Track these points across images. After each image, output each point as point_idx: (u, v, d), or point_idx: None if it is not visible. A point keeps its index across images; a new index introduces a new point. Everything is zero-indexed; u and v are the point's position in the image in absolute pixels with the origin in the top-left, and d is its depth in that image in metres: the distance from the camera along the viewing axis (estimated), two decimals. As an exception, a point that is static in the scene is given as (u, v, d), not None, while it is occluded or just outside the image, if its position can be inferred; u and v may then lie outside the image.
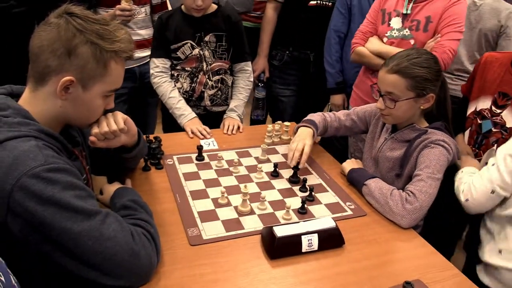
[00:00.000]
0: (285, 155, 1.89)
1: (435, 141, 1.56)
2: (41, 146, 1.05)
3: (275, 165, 1.73)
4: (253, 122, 2.99)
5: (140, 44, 2.55)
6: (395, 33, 2.11)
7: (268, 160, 1.85)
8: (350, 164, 1.76)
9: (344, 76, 2.65)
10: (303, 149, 1.71)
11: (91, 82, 1.14)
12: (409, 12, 2.09)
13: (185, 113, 2.15)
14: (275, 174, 1.73)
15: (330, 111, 2.43)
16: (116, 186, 1.41)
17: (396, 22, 2.13)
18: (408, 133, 1.65)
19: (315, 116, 1.89)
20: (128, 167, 1.63)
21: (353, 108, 1.94)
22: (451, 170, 1.64)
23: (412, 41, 2.06)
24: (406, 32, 2.08)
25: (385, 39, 2.15)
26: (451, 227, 1.73)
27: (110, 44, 1.13)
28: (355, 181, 1.67)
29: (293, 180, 1.68)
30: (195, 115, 2.16)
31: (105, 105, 1.23)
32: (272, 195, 1.60)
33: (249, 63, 2.34)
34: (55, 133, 1.14)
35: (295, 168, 1.67)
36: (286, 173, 1.75)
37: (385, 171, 1.72)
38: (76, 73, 1.11)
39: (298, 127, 1.86)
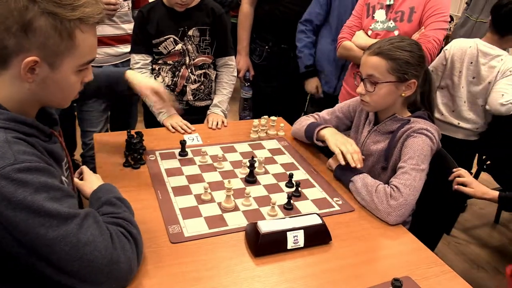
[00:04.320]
0: (271, 150, 1.85)
1: (418, 130, 1.53)
2: (10, 140, 0.95)
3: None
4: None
5: (124, 39, 2.49)
6: (379, 25, 2.09)
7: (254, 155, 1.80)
8: (337, 160, 1.72)
9: (317, 64, 2.64)
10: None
11: (58, 59, 0.99)
12: (392, 3, 2.07)
13: (163, 110, 2.10)
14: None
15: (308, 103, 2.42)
16: (100, 180, 1.35)
17: (380, 15, 2.11)
18: (390, 124, 1.62)
19: (310, 120, 1.88)
20: None
21: (337, 105, 1.92)
22: (437, 162, 1.62)
23: (396, 32, 2.05)
24: (391, 24, 2.06)
25: (369, 32, 2.13)
26: (440, 221, 1.70)
27: (71, 11, 0.96)
28: (342, 177, 1.63)
29: (250, 180, 1.61)
30: (174, 111, 2.11)
31: (81, 79, 1.09)
32: (257, 190, 1.55)
33: (233, 57, 2.30)
34: (28, 119, 1.03)
35: (251, 167, 1.60)
36: (272, 168, 1.71)
37: (370, 164, 1.69)
38: (38, 51, 0.96)
39: (318, 131, 1.75)
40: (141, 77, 1.64)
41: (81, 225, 0.97)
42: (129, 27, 2.49)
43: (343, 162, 1.60)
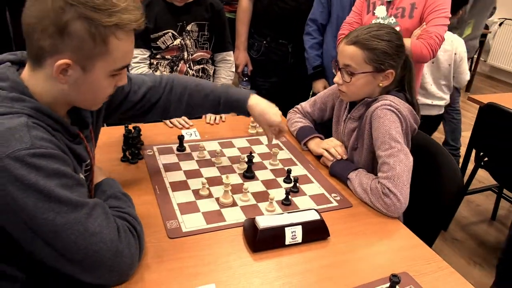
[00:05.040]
0: (270, 146, 1.85)
1: (380, 107, 1.52)
2: (30, 125, 0.95)
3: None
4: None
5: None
6: (380, 21, 2.08)
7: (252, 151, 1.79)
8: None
9: (324, 64, 2.62)
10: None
11: (90, 62, 1.00)
12: None
13: None
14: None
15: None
16: (104, 174, 1.35)
17: (380, 11, 2.10)
18: (362, 109, 1.62)
19: (303, 123, 1.90)
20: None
21: (318, 95, 1.93)
22: (433, 159, 1.62)
23: (398, 29, 2.03)
24: (392, 20, 2.05)
25: None
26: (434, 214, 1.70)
27: (108, 17, 0.96)
28: (338, 175, 1.63)
29: (247, 175, 1.61)
30: None
31: (114, 83, 1.11)
32: (255, 186, 1.55)
33: (231, 52, 2.29)
34: (54, 113, 1.04)
35: (249, 162, 1.60)
36: (269, 164, 1.71)
37: (349, 151, 1.69)
38: (72, 54, 0.97)
39: (306, 143, 1.83)
40: (264, 107, 1.57)
41: (89, 215, 0.98)
42: None
43: (331, 158, 1.67)
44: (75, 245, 0.95)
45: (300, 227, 1.26)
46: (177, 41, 2.12)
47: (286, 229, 1.25)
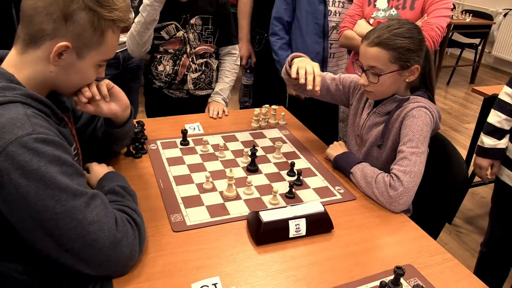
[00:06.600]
0: (272, 139, 1.85)
1: (416, 107, 1.51)
2: (30, 114, 0.99)
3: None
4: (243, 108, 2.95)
5: (123, 29, 2.48)
6: (381, 13, 2.07)
7: (256, 144, 1.79)
8: (334, 150, 1.71)
9: None
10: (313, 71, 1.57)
11: (86, 50, 1.10)
12: None
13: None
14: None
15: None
16: (105, 168, 1.37)
17: (381, 3, 2.09)
18: (390, 105, 1.60)
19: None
20: (113, 151, 1.58)
21: (339, 74, 1.86)
22: (438, 150, 1.61)
23: None
24: (393, 11, 2.04)
25: (371, 21, 2.11)
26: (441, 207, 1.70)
27: (109, 12, 1.09)
28: (341, 169, 1.63)
29: (251, 168, 1.61)
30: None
31: (96, 74, 1.20)
32: (258, 179, 1.55)
33: (236, 46, 2.28)
34: (43, 98, 1.08)
35: (252, 156, 1.60)
36: (273, 158, 1.71)
37: (369, 145, 1.67)
38: (72, 39, 1.07)
39: (292, 58, 1.72)
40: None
41: (88, 204, 1.00)
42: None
43: (302, 81, 1.56)
44: (73, 234, 0.97)
45: (304, 220, 1.26)
46: (180, 33, 2.11)
47: (290, 222, 1.25)
